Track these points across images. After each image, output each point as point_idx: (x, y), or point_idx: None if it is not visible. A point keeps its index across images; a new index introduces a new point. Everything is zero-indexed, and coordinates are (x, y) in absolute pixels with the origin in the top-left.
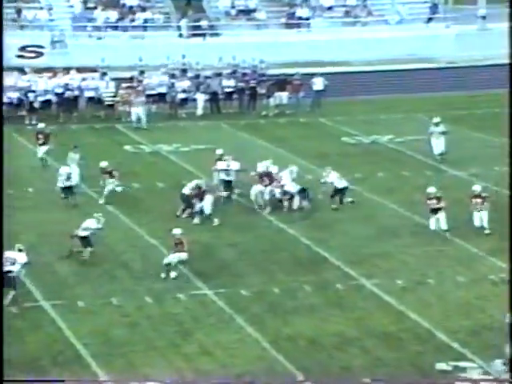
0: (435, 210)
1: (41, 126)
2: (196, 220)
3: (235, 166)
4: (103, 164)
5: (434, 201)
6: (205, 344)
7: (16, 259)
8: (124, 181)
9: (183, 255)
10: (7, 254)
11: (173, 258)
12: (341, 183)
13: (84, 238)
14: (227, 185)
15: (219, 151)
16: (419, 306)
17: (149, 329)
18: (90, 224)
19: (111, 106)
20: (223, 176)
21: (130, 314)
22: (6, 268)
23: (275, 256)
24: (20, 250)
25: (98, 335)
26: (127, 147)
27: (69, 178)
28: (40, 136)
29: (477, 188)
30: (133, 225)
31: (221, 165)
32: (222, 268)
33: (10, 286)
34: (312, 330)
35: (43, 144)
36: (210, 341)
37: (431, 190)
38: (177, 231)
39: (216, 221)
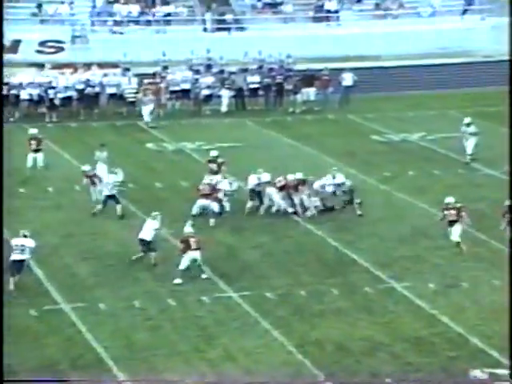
0: (452, 222)
1: (33, 131)
2: (211, 221)
3: (266, 177)
4: (85, 168)
5: (453, 211)
6: (229, 349)
7: (25, 245)
8: (146, 180)
9: (194, 254)
10: (15, 241)
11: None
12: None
13: (148, 242)
14: (257, 195)
15: (213, 153)
16: (452, 310)
17: (172, 332)
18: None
19: (133, 102)
20: (254, 186)
21: (153, 317)
22: (18, 257)
23: (301, 258)
24: (25, 236)
25: (120, 338)
26: (149, 145)
27: (114, 186)
28: (32, 142)
29: (449, 200)
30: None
31: (252, 180)
32: (246, 270)
33: (19, 273)
34: (339, 335)
35: (36, 151)
36: (234, 345)
37: (450, 199)
38: (187, 229)
39: (212, 221)
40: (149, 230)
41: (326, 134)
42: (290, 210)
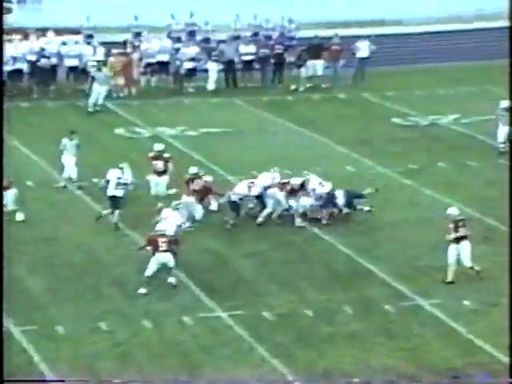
0: (458, 239)
1: (158, 147)
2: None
3: (266, 180)
4: None
5: (462, 227)
6: (217, 382)
7: (127, 179)
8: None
9: (164, 257)
10: (113, 173)
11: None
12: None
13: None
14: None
15: (158, 146)
16: (493, 335)
17: (146, 361)
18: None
19: None
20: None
21: (123, 342)
22: (120, 193)
23: (306, 269)
24: (121, 168)
25: (81, 368)
26: (119, 131)
27: (119, 184)
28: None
29: (453, 211)
30: (127, 230)
31: (264, 180)
32: (238, 284)
33: (117, 208)
34: (354, 364)
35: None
36: (223, 377)
37: (452, 211)
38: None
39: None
40: (113, 185)
41: (337, 117)
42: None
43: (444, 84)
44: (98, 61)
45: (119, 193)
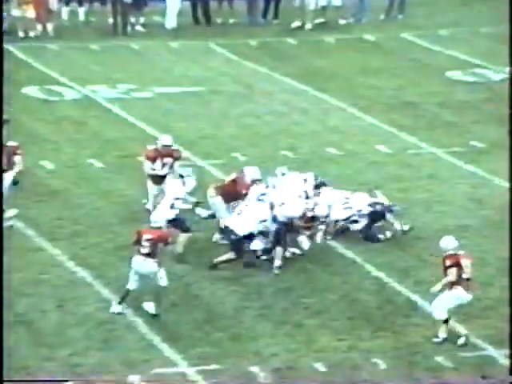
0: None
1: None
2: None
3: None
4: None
5: (452, 266)
6: None
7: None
8: (28, 156)
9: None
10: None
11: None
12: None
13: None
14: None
15: (166, 140)
16: None
17: None
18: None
19: None
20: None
21: None
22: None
23: (318, 300)
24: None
25: None
26: (30, 89)
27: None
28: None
29: (447, 243)
30: (44, 243)
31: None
32: (212, 324)
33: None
34: None
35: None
36: None
37: (447, 243)
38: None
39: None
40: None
41: (362, 69)
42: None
43: None
44: None
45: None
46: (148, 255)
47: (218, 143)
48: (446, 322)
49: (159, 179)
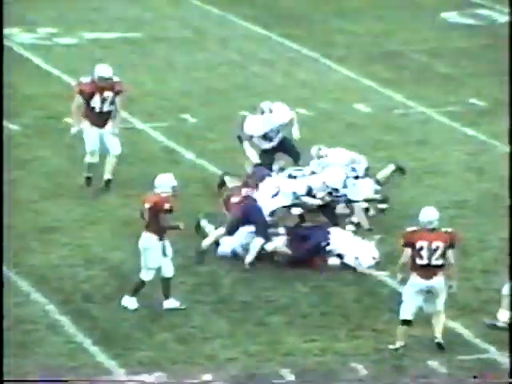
0: (430, 271)
1: None
2: None
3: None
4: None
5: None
6: None
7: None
8: None
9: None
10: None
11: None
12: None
13: None
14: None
15: (104, 70)
16: None
17: None
18: None
19: None
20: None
21: None
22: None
23: (285, 292)
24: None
25: None
26: None
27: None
28: None
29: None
30: None
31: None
32: (158, 323)
33: None
34: None
35: None
36: None
37: (427, 214)
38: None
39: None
40: None
41: (336, 10)
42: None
43: None
44: None
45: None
46: (146, 227)
47: (162, 102)
48: (404, 323)
49: (100, 119)
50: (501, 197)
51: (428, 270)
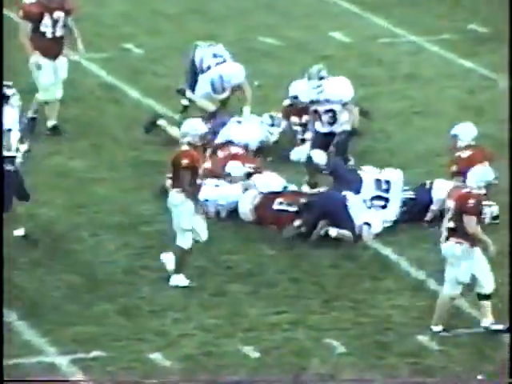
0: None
1: None
2: None
3: None
4: None
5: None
6: None
7: None
8: None
9: None
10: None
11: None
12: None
13: None
14: None
15: None
16: None
17: None
18: None
19: None
20: None
21: None
22: None
23: (248, 256)
24: None
25: None
26: None
27: None
28: None
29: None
30: None
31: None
32: (97, 293)
33: None
34: None
35: None
36: None
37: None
38: None
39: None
40: None
41: None
42: None
43: None
44: None
45: None
46: (172, 185)
47: (101, 28)
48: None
49: (52, 47)
50: (502, 142)
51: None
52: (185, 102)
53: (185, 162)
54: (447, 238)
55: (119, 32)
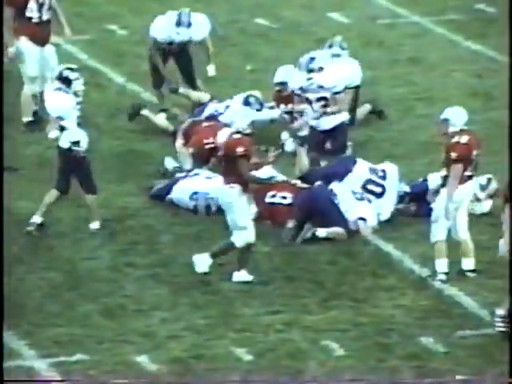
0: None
1: None
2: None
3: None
4: None
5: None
6: None
7: None
8: None
9: None
10: None
11: None
12: None
13: None
14: None
15: None
16: None
17: None
18: None
19: None
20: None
21: None
22: None
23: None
24: None
25: None
26: None
27: None
28: None
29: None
30: None
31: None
32: (79, 291)
33: None
34: None
35: None
36: None
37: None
38: None
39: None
40: None
41: None
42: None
43: None
44: None
45: None
46: (224, 178)
47: (81, 7)
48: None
49: (41, 32)
50: None
51: None
52: (165, 90)
53: (240, 150)
54: None
55: (102, 12)
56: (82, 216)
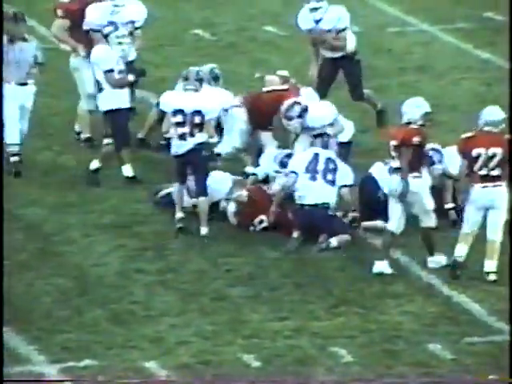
0: None
1: None
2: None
3: None
4: None
5: None
6: None
7: None
8: None
9: None
10: None
11: None
12: None
13: None
14: None
15: None
16: None
17: None
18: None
19: None
20: None
21: None
22: None
23: (249, 259)
24: None
25: None
26: None
27: None
28: None
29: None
30: None
31: None
32: (88, 298)
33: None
34: None
35: None
36: None
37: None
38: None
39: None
40: None
41: None
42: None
43: None
44: None
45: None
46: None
47: None
48: None
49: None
50: None
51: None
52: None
53: (416, 139)
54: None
55: None
56: (91, 222)
